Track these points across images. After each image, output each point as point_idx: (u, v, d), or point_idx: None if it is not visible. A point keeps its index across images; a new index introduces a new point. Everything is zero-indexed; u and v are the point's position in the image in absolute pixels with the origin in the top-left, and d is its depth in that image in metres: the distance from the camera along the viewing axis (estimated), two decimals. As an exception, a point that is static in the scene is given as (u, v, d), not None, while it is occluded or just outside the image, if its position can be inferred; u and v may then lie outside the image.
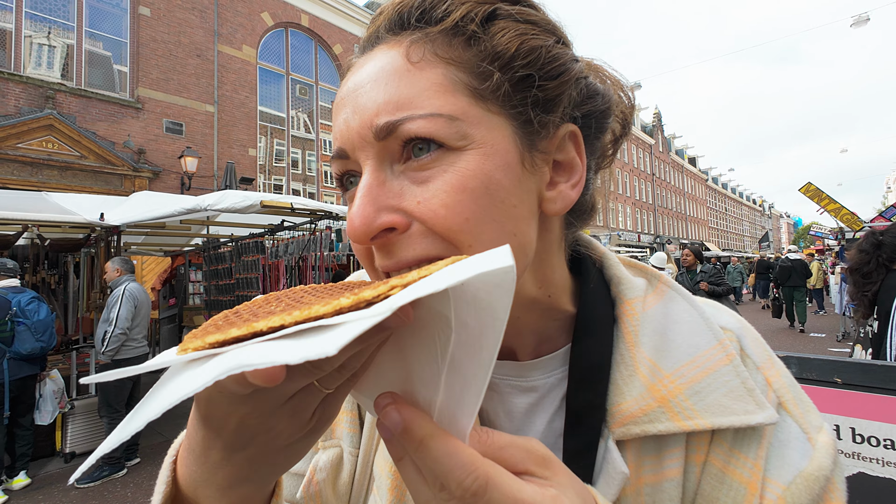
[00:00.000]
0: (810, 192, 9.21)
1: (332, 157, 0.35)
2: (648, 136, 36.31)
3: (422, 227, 0.31)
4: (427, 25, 0.32)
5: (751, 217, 77.52)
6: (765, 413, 0.33)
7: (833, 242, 14.42)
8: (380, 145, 0.31)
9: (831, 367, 1.11)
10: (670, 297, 0.39)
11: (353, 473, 0.43)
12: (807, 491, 0.32)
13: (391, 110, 0.30)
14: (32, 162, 8.21)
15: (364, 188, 0.31)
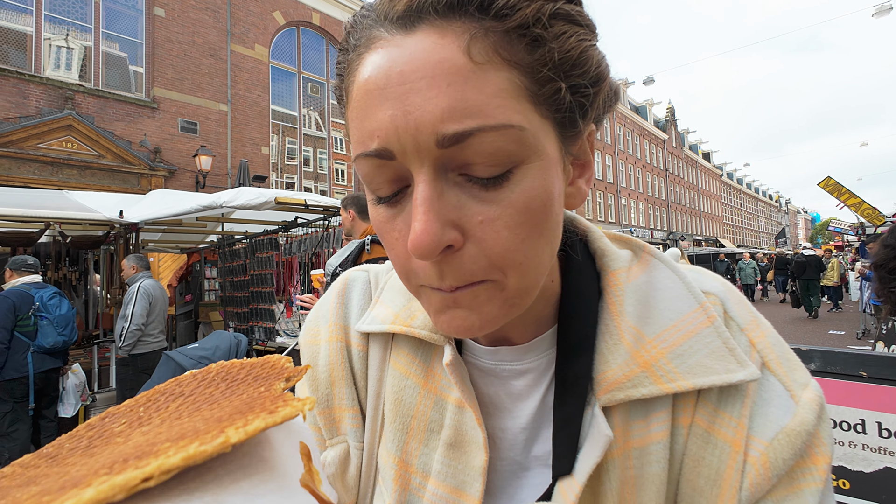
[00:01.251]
0: (830, 186, 9.01)
1: (368, 155, 0.30)
2: (661, 131, 35.80)
3: (476, 249, 0.29)
4: (486, 17, 0.28)
5: (767, 213, 76.06)
6: (746, 371, 0.33)
7: (853, 238, 14.10)
8: (440, 153, 0.28)
9: (856, 361, 1.09)
10: (654, 265, 0.40)
11: (360, 466, 0.44)
12: (788, 446, 0.33)
13: (458, 118, 0.27)
14: (53, 161, 8.40)
15: (425, 201, 0.28)
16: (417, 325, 0.41)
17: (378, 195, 0.32)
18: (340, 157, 13.78)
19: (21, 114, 8.22)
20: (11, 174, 8.01)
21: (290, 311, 5.74)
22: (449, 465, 0.38)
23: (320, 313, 0.48)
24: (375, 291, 0.47)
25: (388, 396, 0.43)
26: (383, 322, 0.43)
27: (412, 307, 0.42)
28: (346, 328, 0.46)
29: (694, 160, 43.12)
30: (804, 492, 0.33)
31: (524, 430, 0.39)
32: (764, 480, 0.33)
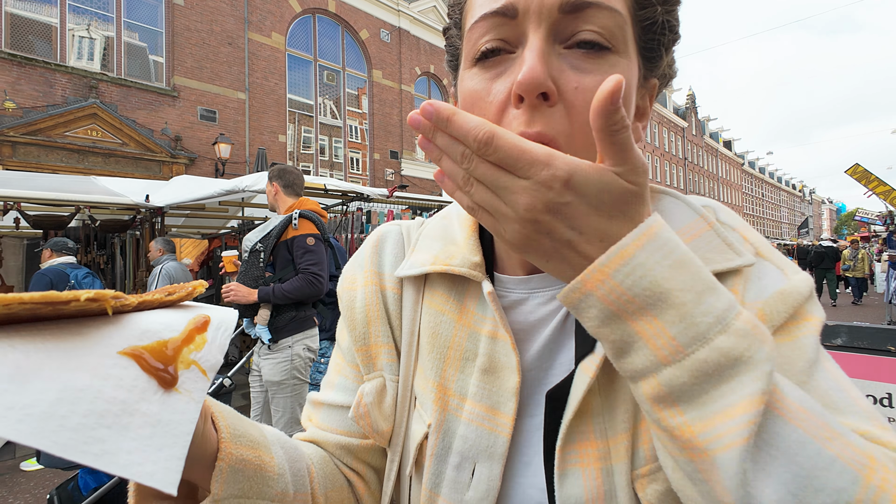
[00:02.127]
0: (858, 173, 8.73)
1: (493, 12, 0.35)
2: (681, 118, 34.94)
3: (565, 110, 0.34)
4: None
5: (790, 203, 73.96)
6: (743, 258, 0.38)
7: (880, 228, 13.66)
8: (559, 17, 0.33)
9: (884, 336, 1.08)
10: (661, 197, 0.45)
11: (396, 397, 0.48)
12: (782, 302, 0.37)
13: None
14: (79, 149, 8.63)
15: (539, 50, 0.33)
16: (456, 263, 0.45)
17: (484, 50, 0.36)
18: (355, 146, 13.82)
19: (48, 102, 8.44)
20: (40, 161, 8.26)
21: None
22: (484, 388, 0.42)
23: (356, 263, 0.53)
24: (408, 243, 0.52)
25: (424, 331, 0.47)
26: (423, 265, 0.47)
27: (450, 250, 0.46)
28: (380, 274, 0.51)
29: (715, 149, 42.06)
30: (800, 339, 0.36)
31: (550, 343, 0.43)
32: None
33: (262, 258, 2.28)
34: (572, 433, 0.38)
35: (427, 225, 0.52)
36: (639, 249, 0.26)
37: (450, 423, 0.43)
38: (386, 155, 14.21)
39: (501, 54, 0.36)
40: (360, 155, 13.92)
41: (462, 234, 0.47)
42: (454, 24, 0.42)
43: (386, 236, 0.53)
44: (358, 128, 13.90)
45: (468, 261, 0.44)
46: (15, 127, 7.96)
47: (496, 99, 0.35)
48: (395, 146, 14.47)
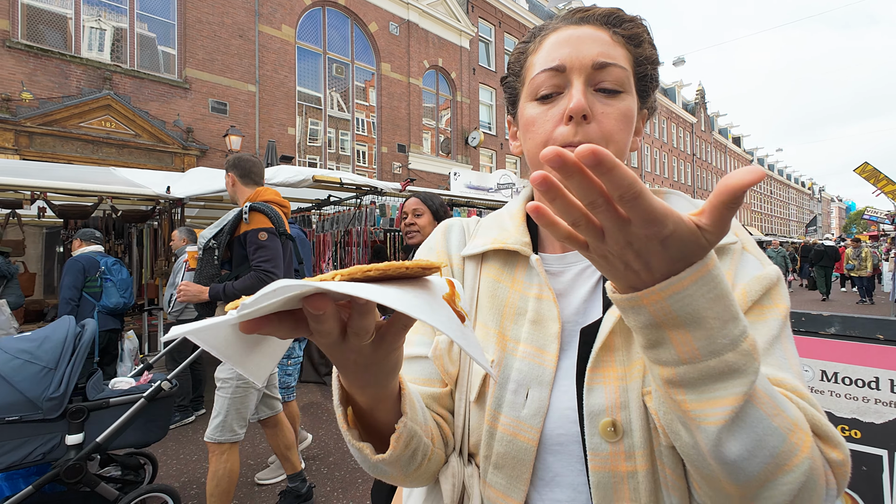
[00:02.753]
0: (867, 172, 8.71)
1: (549, 69, 0.54)
2: (690, 114, 34.66)
3: (597, 125, 0.52)
4: (618, 28, 0.56)
5: (798, 201, 73.25)
6: (728, 237, 0.54)
7: (889, 227, 13.59)
8: (591, 72, 0.53)
9: (874, 325, 1.18)
10: (668, 195, 0.60)
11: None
12: (758, 284, 0.51)
13: (605, 57, 0.53)
14: (93, 140, 8.77)
15: (581, 90, 0.53)
16: (510, 242, 0.61)
17: (541, 94, 0.55)
18: (363, 139, 13.88)
19: (63, 94, 8.58)
20: (56, 151, 8.42)
21: (319, 287, 5.97)
22: (533, 334, 0.57)
23: (429, 246, 0.70)
24: (468, 233, 0.69)
25: (483, 295, 0.62)
26: (483, 246, 0.63)
27: (504, 234, 0.63)
28: (448, 254, 0.67)
29: (723, 145, 41.72)
30: (769, 320, 0.50)
31: (584, 303, 0.58)
32: (743, 304, 0.50)
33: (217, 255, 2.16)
34: (598, 360, 0.52)
35: (483, 220, 0.69)
36: (692, 283, 0.33)
37: (508, 360, 0.57)
38: (393, 148, 14.27)
39: (553, 96, 0.55)
40: (367, 148, 13.99)
41: (513, 223, 0.64)
42: (513, 74, 0.61)
43: (452, 227, 0.70)
44: (365, 121, 13.95)
45: (520, 241, 0.61)
46: (32, 118, 8.11)
47: (552, 119, 0.54)
48: (402, 140, 14.52)
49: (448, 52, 15.99)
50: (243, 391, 2.14)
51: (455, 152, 16.37)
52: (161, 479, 3.00)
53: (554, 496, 0.53)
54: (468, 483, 0.57)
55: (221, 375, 2.15)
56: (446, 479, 0.56)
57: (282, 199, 2.39)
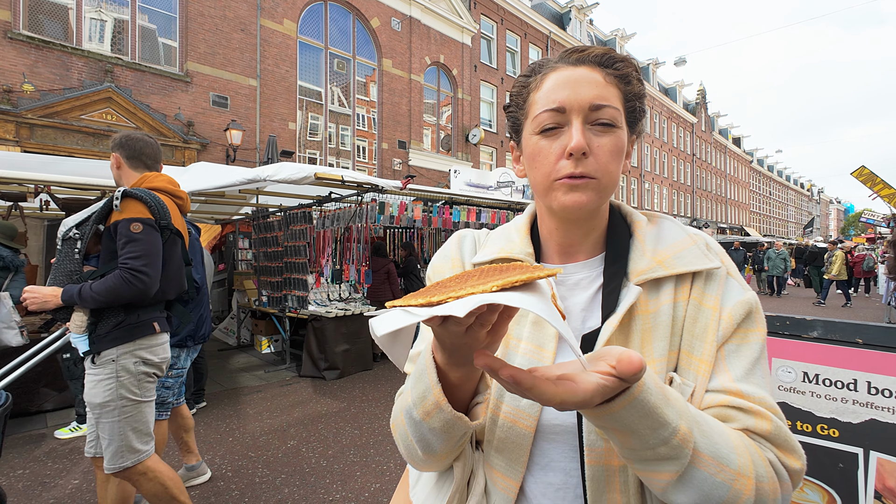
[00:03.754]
0: (863, 176, 8.78)
1: (551, 109, 0.60)
2: (690, 114, 34.66)
3: (594, 160, 0.59)
4: (610, 68, 0.62)
5: (797, 202, 73.36)
6: (713, 263, 0.61)
7: (886, 230, 13.68)
8: (588, 112, 0.60)
9: (854, 329, 1.24)
10: (660, 221, 0.68)
11: None
12: (741, 308, 0.59)
13: (600, 99, 0.60)
14: (94, 133, 8.77)
15: (580, 130, 0.59)
16: (515, 252, 0.69)
17: (545, 127, 0.61)
18: (363, 134, 13.88)
19: (65, 86, 8.57)
20: (57, 144, 8.42)
21: (318, 282, 6.03)
22: (533, 333, 0.64)
23: (443, 254, 0.78)
24: (479, 243, 0.77)
25: None
26: (491, 254, 0.71)
27: (510, 245, 0.70)
28: (462, 261, 0.75)
29: (723, 145, 41.75)
30: (752, 343, 0.58)
31: (582, 311, 0.64)
32: (730, 326, 0.58)
33: (80, 248, 1.83)
34: None
35: (492, 232, 0.77)
36: (622, 409, 0.42)
37: (511, 355, 0.64)
38: (394, 144, 14.28)
39: (555, 129, 0.61)
40: (367, 143, 13.99)
41: (518, 236, 0.71)
42: (516, 105, 0.67)
43: (465, 237, 0.78)
44: (366, 116, 13.95)
45: (523, 251, 0.68)
46: (33, 109, 8.11)
47: (555, 153, 0.60)
48: (403, 136, 14.53)
49: (450, 49, 15.97)
50: (133, 407, 1.80)
51: (455, 149, 16.39)
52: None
53: (547, 479, 0.60)
54: (476, 465, 0.64)
55: (96, 400, 1.76)
56: (458, 462, 0.63)
57: (177, 189, 2.05)
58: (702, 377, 0.56)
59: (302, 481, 2.92)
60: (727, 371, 0.56)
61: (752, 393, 0.54)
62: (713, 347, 0.57)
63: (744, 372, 0.56)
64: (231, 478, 2.95)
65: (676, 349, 0.59)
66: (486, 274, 0.45)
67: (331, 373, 5.19)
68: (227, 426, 3.81)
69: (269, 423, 3.88)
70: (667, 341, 0.58)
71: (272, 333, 6.42)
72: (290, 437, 3.60)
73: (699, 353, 0.57)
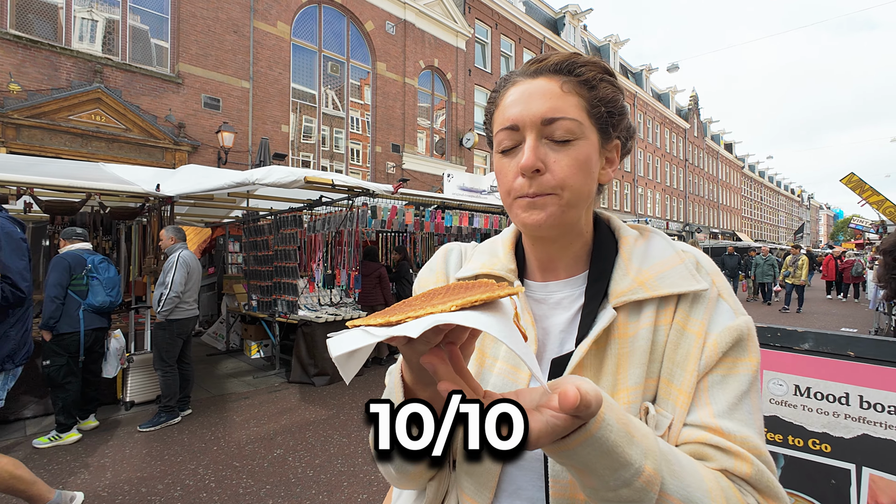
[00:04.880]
0: (852, 182, 8.87)
1: (505, 128, 0.58)
2: (683, 119, 34.97)
3: (550, 176, 0.55)
4: (571, 75, 0.58)
5: (788, 207, 74.24)
6: (700, 285, 0.56)
7: (874, 236, 13.85)
8: (541, 127, 0.56)
9: (845, 342, 1.21)
10: (651, 237, 0.64)
11: None
12: (729, 335, 0.54)
13: (553, 112, 0.56)
14: (83, 134, 8.65)
15: (531, 147, 0.55)
16: (497, 268, 0.66)
17: (503, 148, 0.59)
18: (357, 137, 13.83)
19: (53, 86, 8.45)
20: (44, 145, 8.29)
21: (312, 287, 5.97)
22: (510, 353, 0.60)
23: (430, 268, 0.75)
24: (465, 256, 0.75)
25: None
26: (474, 269, 0.68)
27: (493, 260, 0.67)
28: (447, 275, 0.73)
29: (715, 151, 42.15)
30: (740, 374, 0.53)
31: (561, 332, 0.61)
32: (714, 355, 0.53)
33: None
34: None
35: (479, 245, 0.75)
36: (578, 445, 0.39)
37: (485, 375, 0.62)
38: (388, 148, 14.25)
39: (513, 149, 0.58)
40: (361, 147, 13.94)
41: (503, 250, 0.68)
42: (487, 122, 0.65)
43: (451, 250, 0.76)
44: (360, 119, 13.91)
45: (506, 267, 0.66)
46: (19, 109, 7.98)
47: (512, 171, 0.57)
48: (396, 139, 14.50)
49: (444, 53, 15.99)
50: None
51: (449, 153, 16.38)
52: (143, 479, 2.98)
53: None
54: (451, 486, 0.62)
55: None
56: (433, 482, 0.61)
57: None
58: (680, 409, 0.52)
59: (287, 492, 2.85)
60: (708, 405, 0.52)
61: (734, 431, 0.50)
62: (694, 377, 0.53)
63: (727, 406, 0.51)
64: (214, 489, 2.88)
65: (655, 377, 0.55)
66: (452, 292, 0.43)
67: (320, 379, 5.12)
68: (212, 434, 3.74)
69: (256, 431, 3.80)
70: (643, 368, 0.55)
71: (262, 338, 6.33)
72: (276, 445, 3.53)
73: (679, 382, 0.53)
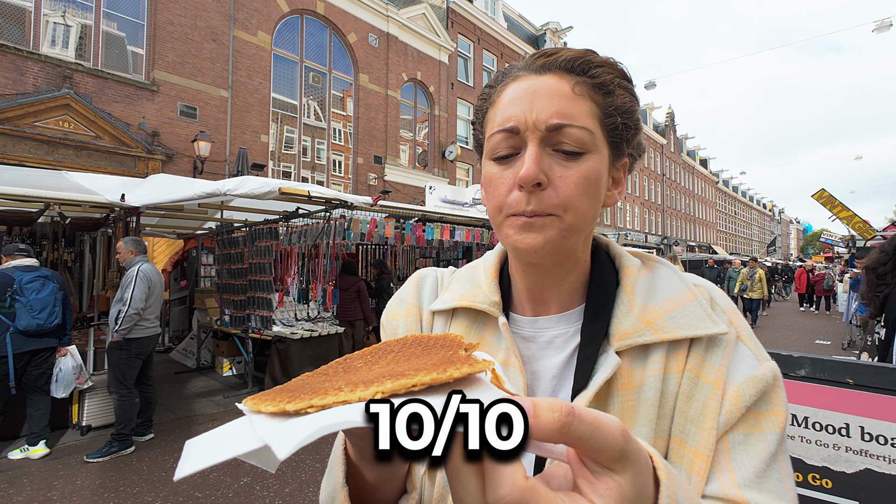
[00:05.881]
0: (823, 198, 9.15)
1: (503, 130, 0.48)
2: (660, 135, 35.94)
3: (553, 192, 0.46)
4: (584, 76, 0.48)
5: (760, 221, 76.72)
6: (718, 328, 0.47)
7: (843, 250, 14.30)
8: (546, 134, 0.47)
9: (844, 369, 1.14)
10: (657, 267, 0.55)
11: None
12: (752, 387, 0.45)
13: (561, 117, 0.46)
14: (49, 141, 8.30)
15: (533, 156, 0.46)
16: (479, 301, 0.56)
17: (498, 155, 0.50)
18: (339, 149, 13.70)
19: (18, 91, 8.11)
20: (6, 152, 7.91)
21: (282, 302, 5.76)
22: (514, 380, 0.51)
23: (400, 298, 0.65)
24: (442, 284, 0.64)
25: None
26: (451, 301, 0.58)
27: (474, 291, 0.57)
28: (420, 307, 0.62)
29: (691, 166, 43.36)
30: (766, 433, 0.44)
31: (554, 378, 0.52)
32: (735, 410, 0.44)
33: None
34: None
35: (458, 271, 0.64)
36: None
37: None
38: (369, 159, 14.14)
39: (511, 157, 0.49)
40: (343, 158, 13.81)
41: (485, 278, 0.58)
42: (478, 121, 0.55)
43: (426, 278, 0.65)
44: (342, 131, 13.80)
45: (489, 299, 0.55)
46: (-20, 114, 7.62)
47: (507, 182, 0.48)
48: (379, 151, 14.41)
49: (427, 66, 16.07)
50: None
51: (432, 165, 16.37)
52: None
53: None
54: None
55: None
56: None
57: None
58: (697, 476, 0.43)
59: (253, 525, 2.65)
60: (731, 471, 0.43)
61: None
62: (712, 436, 0.44)
63: (754, 473, 0.42)
64: (173, 523, 2.66)
65: (665, 435, 0.46)
66: (398, 357, 0.32)
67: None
68: (174, 461, 3.49)
69: (223, 457, 3.57)
70: (651, 425, 0.46)
71: (234, 355, 6.07)
72: (244, 472, 3.31)
73: (694, 442, 0.44)
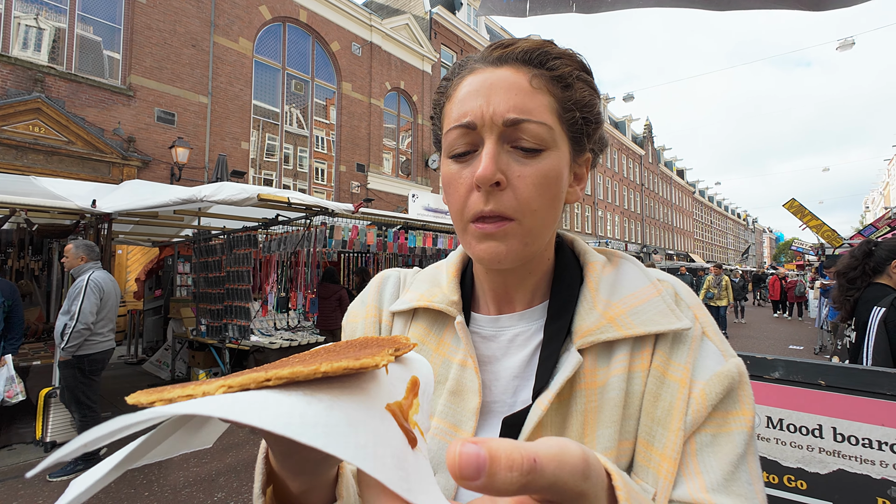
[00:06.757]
0: (794, 208, 9.46)
1: (459, 126, 0.47)
2: (639, 146, 36.81)
3: (512, 193, 0.45)
4: (543, 68, 0.47)
5: (735, 230, 79.02)
6: (682, 322, 0.46)
7: (813, 258, 14.79)
8: (503, 129, 0.45)
9: (816, 371, 1.16)
10: (622, 263, 0.54)
11: None
12: (719, 384, 0.44)
13: (518, 111, 0.45)
14: (18, 145, 8.02)
15: (490, 154, 0.45)
16: (437, 301, 0.54)
17: (455, 153, 0.48)
18: (321, 157, 13.61)
19: (-15, 94, 7.83)
20: (-29, 156, 7.61)
21: (265, 310, 5.64)
22: (449, 408, 0.50)
23: (361, 299, 0.63)
24: (404, 285, 0.62)
25: None
26: (410, 302, 0.57)
27: (434, 291, 0.56)
28: (380, 309, 0.60)
29: (668, 176, 44.47)
30: (734, 433, 0.42)
31: (515, 378, 0.50)
32: (702, 409, 0.43)
33: None
34: None
35: (421, 272, 0.63)
36: None
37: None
38: (352, 167, 14.08)
39: (468, 154, 0.47)
40: (325, 166, 13.71)
41: (446, 278, 0.57)
42: (436, 116, 0.54)
43: (388, 278, 0.64)
44: (325, 139, 13.72)
45: (447, 299, 0.54)
46: (-56, 117, 7.32)
47: (465, 182, 0.47)
48: (361, 159, 14.37)
49: (410, 76, 16.16)
50: None
51: (415, 174, 16.38)
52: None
53: None
54: None
55: None
56: None
57: None
58: (664, 480, 0.41)
59: (226, 543, 2.55)
60: (698, 474, 0.41)
61: None
62: (679, 437, 0.42)
63: (723, 476, 0.41)
64: (141, 543, 2.54)
65: (631, 437, 0.45)
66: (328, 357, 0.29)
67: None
68: (144, 478, 3.35)
69: (196, 472, 3.44)
70: (616, 427, 0.44)
71: (211, 366, 5.89)
72: (218, 487, 3.20)
73: (661, 444, 0.43)
